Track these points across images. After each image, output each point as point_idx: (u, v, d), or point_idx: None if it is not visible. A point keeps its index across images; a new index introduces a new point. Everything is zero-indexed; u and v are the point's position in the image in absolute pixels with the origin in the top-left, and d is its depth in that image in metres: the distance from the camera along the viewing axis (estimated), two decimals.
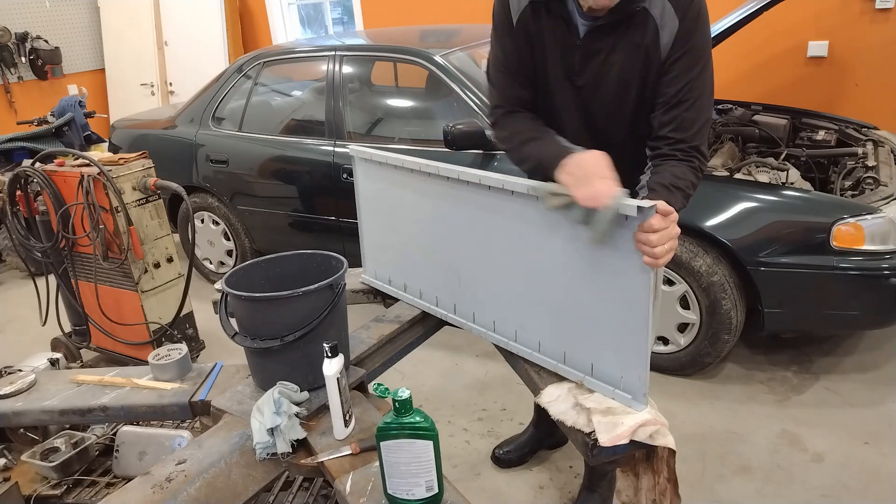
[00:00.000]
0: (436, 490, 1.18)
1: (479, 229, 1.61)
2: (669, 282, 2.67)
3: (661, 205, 1.22)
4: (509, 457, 2.38)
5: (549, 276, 1.49)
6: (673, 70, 1.43)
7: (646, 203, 1.22)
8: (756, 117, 3.46)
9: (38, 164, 2.86)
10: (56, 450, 2.03)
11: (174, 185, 2.81)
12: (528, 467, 2.37)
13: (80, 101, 4.20)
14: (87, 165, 2.75)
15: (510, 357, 1.63)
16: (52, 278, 3.06)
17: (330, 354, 1.31)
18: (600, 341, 1.41)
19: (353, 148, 1.91)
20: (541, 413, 2.20)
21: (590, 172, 1.30)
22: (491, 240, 1.60)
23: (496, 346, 1.68)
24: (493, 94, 1.64)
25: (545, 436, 2.38)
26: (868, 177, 2.69)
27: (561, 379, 1.48)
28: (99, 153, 3.14)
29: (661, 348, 2.80)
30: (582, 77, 1.51)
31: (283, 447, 1.33)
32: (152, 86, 6.27)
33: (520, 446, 2.39)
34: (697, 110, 1.44)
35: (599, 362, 1.41)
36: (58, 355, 2.59)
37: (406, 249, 1.86)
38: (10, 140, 3.97)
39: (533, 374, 1.52)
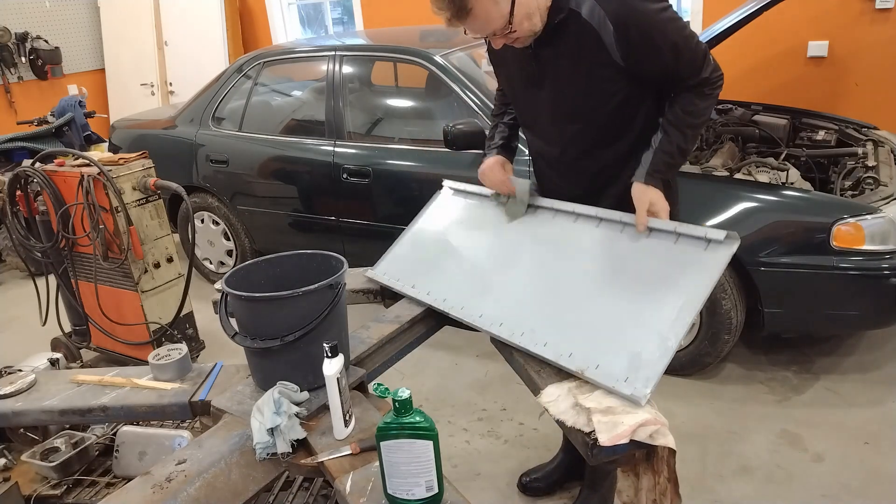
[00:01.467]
0: (436, 490, 1.18)
1: (524, 245, 1.80)
2: None
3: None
4: (536, 485, 2.25)
5: (582, 287, 1.59)
6: (644, 63, 1.52)
7: (733, 236, 1.48)
8: (756, 117, 3.46)
9: (38, 164, 2.86)
10: (56, 450, 2.03)
11: (174, 185, 2.81)
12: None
13: (80, 101, 4.21)
14: (87, 165, 2.75)
15: (510, 357, 1.63)
16: (52, 278, 3.06)
17: (330, 354, 1.31)
18: (620, 345, 1.44)
19: (447, 182, 2.18)
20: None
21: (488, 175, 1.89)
22: (530, 252, 1.76)
23: (496, 347, 1.68)
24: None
25: (576, 462, 2.20)
26: (868, 177, 2.69)
27: (561, 379, 1.48)
28: (99, 153, 3.14)
29: None
30: (544, 82, 1.64)
31: (283, 447, 1.33)
32: (152, 86, 6.27)
33: (548, 474, 2.25)
34: (688, 63, 1.54)
35: (609, 364, 1.42)
36: (58, 355, 2.59)
37: (438, 259, 1.95)
38: (10, 140, 3.97)
39: (533, 374, 1.51)
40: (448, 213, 2.09)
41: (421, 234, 2.09)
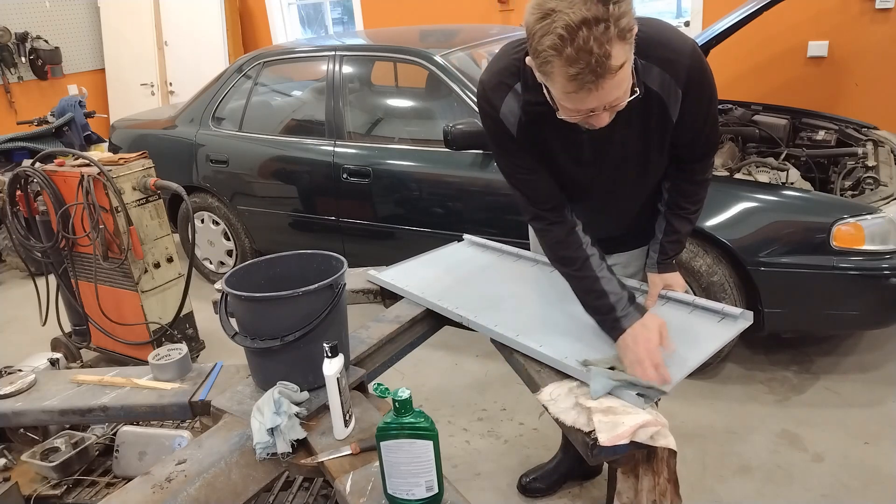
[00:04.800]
0: (436, 490, 1.18)
1: (536, 286, 1.84)
2: None
3: None
4: (536, 485, 2.24)
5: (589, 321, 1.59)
6: (685, 124, 1.45)
7: (747, 315, 1.60)
8: (756, 117, 3.46)
9: (38, 164, 2.86)
10: (56, 450, 2.03)
11: (174, 185, 2.81)
12: None
13: (80, 101, 4.21)
14: (87, 165, 2.75)
15: (510, 357, 1.63)
16: (52, 278, 3.06)
17: (330, 354, 1.31)
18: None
19: (468, 237, 2.25)
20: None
21: (644, 357, 1.37)
22: (541, 293, 1.79)
23: (496, 346, 1.68)
24: (524, 203, 1.56)
25: (575, 462, 2.23)
26: (868, 177, 2.69)
27: (562, 378, 1.48)
28: (99, 153, 3.14)
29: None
30: (597, 163, 1.50)
31: (283, 447, 1.33)
32: (152, 86, 6.27)
33: (547, 474, 2.26)
34: (707, 143, 1.55)
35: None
36: (58, 355, 2.59)
37: (448, 277, 1.98)
38: (10, 140, 3.97)
39: (533, 374, 1.51)
40: (463, 253, 2.18)
41: (432, 260, 2.15)
